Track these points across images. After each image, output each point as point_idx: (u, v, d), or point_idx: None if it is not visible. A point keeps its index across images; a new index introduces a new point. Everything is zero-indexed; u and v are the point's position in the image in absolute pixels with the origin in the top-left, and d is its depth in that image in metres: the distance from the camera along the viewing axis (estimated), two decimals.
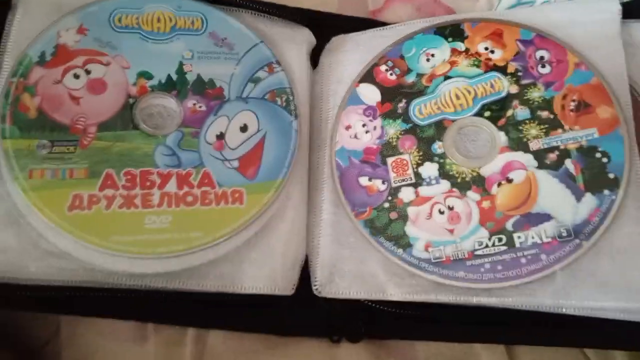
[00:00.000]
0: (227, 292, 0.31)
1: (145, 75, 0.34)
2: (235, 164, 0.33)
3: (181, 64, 0.35)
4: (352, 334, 0.33)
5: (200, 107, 0.34)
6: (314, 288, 0.33)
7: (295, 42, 0.38)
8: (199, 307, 0.33)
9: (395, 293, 0.32)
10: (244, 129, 0.34)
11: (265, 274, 0.32)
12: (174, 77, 0.35)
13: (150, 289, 0.31)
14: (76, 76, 0.33)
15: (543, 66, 0.34)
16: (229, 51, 0.36)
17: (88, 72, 0.33)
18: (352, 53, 0.37)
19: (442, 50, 0.36)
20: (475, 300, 0.31)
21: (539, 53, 0.34)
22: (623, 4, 0.34)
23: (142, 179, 0.32)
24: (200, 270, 0.31)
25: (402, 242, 0.32)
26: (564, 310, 0.30)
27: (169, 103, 0.34)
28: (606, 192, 0.31)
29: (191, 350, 0.33)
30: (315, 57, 0.39)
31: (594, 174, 0.31)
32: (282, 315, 0.33)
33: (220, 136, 0.34)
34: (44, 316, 0.34)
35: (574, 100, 0.33)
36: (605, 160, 0.32)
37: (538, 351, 0.34)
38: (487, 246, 0.31)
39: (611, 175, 0.31)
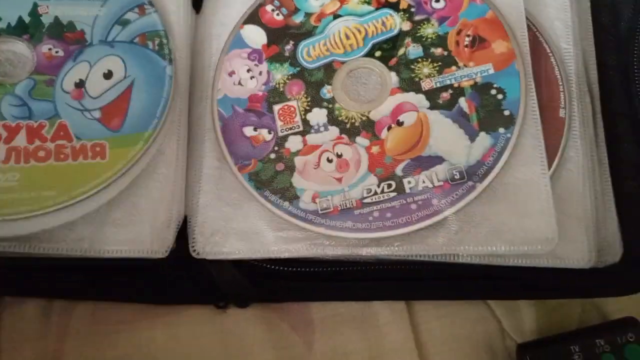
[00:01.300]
0: (87, 257, 0.28)
1: None
2: (97, 114, 0.29)
3: (35, 5, 0.31)
4: (240, 299, 0.31)
5: (56, 52, 0.30)
6: (191, 249, 0.29)
7: None
8: (63, 276, 0.29)
9: (281, 249, 0.29)
10: (107, 75, 0.30)
11: (131, 237, 0.29)
12: (26, 19, 0.31)
13: (1, 257, 0.27)
14: None
15: (437, 1, 0.32)
16: None
17: None
18: None
19: None
20: (364, 251, 0.28)
21: None
22: None
23: None
24: (55, 234, 0.28)
25: (289, 194, 0.29)
26: (459, 258, 0.28)
27: (19, 48, 0.30)
28: (501, 130, 0.29)
29: (53, 324, 0.29)
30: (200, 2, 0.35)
31: (489, 112, 0.29)
32: (159, 281, 0.30)
33: (80, 84, 0.30)
34: None
35: (468, 36, 0.31)
36: (500, 97, 0.29)
37: (440, 306, 0.32)
38: (375, 193, 0.29)
39: (507, 112, 0.29)
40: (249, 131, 0.31)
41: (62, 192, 0.28)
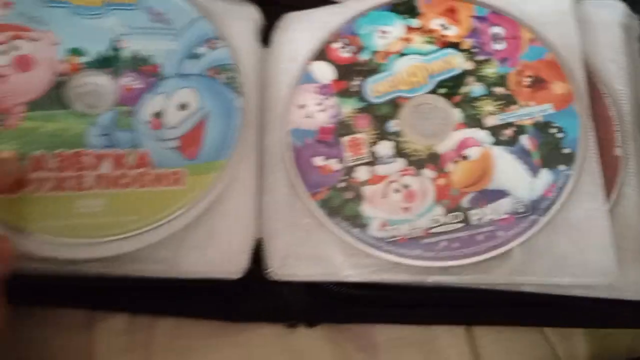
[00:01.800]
0: (168, 278, 0.30)
1: (77, 51, 0.32)
2: (175, 143, 0.31)
3: (115, 40, 0.33)
4: (309, 319, 0.32)
5: (136, 84, 0.32)
6: (268, 271, 0.31)
7: (240, 18, 0.36)
8: (147, 294, 0.31)
9: (352, 274, 0.30)
10: (183, 106, 0.32)
11: (208, 258, 0.30)
12: (108, 53, 0.33)
13: (90, 276, 0.29)
14: (1, 52, 0.31)
15: (498, 42, 0.33)
16: (166, 26, 0.34)
17: (14, 48, 0.31)
18: (304, 30, 0.36)
19: (396, 27, 0.35)
20: (431, 278, 0.30)
21: (494, 29, 0.34)
22: None
23: (74, 160, 0.30)
24: (138, 255, 0.30)
25: (358, 221, 0.31)
26: (521, 287, 0.30)
27: (102, 81, 0.32)
28: (562, 167, 0.31)
29: (139, 338, 0.31)
30: (268, 36, 0.37)
31: (550, 150, 0.31)
32: (235, 300, 0.31)
33: (158, 115, 0.32)
34: None
35: (528, 76, 0.33)
36: (560, 135, 0.31)
37: (497, 331, 0.33)
38: (443, 224, 0.30)
39: (566, 151, 0.31)
40: (319, 161, 0.33)
41: (144, 217, 0.30)
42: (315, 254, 0.31)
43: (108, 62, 0.32)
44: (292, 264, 0.31)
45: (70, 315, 0.31)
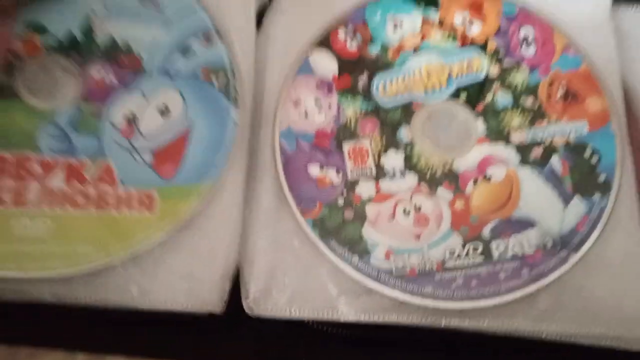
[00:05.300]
0: (134, 309, 0.24)
1: (38, 28, 0.26)
2: (148, 157, 0.26)
3: (89, 20, 0.27)
4: None
5: (108, 78, 0.26)
6: (245, 304, 0.26)
7: (241, 2, 0.30)
8: (96, 327, 0.25)
9: (348, 312, 0.25)
10: (164, 112, 0.26)
11: (184, 288, 0.25)
12: (78, 35, 0.27)
13: (30, 303, 0.23)
14: None
15: (527, 46, 0.29)
16: (155, 11, 0.28)
17: None
18: (304, 14, 0.30)
19: (412, 18, 0.30)
20: (444, 322, 0.25)
21: (523, 31, 0.29)
22: None
23: (16, 166, 0.24)
24: (95, 282, 0.24)
25: (358, 247, 0.26)
26: (545, 335, 0.25)
27: (65, 69, 0.26)
28: (596, 196, 0.27)
29: None
30: (260, 18, 0.32)
31: (583, 175, 0.27)
32: (204, 338, 0.26)
33: (132, 119, 0.26)
34: None
35: (561, 88, 0.28)
36: (595, 159, 0.27)
37: None
38: (459, 256, 0.26)
39: (602, 178, 0.27)
40: (314, 170, 0.28)
41: (99, 248, 0.24)
42: (303, 285, 0.26)
43: (76, 46, 0.27)
44: (274, 296, 0.26)
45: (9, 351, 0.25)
